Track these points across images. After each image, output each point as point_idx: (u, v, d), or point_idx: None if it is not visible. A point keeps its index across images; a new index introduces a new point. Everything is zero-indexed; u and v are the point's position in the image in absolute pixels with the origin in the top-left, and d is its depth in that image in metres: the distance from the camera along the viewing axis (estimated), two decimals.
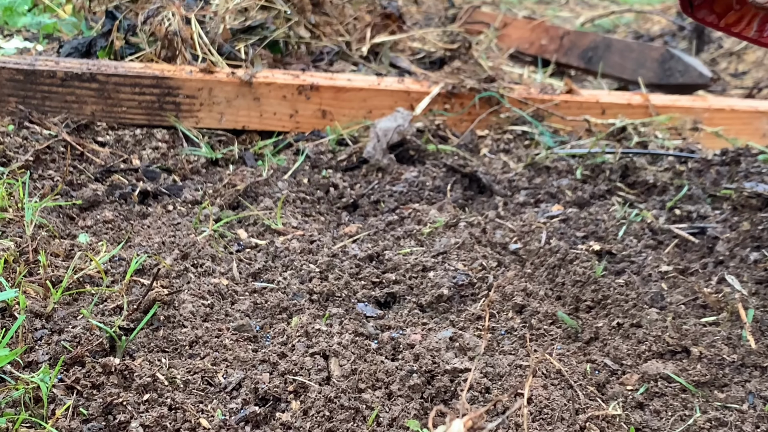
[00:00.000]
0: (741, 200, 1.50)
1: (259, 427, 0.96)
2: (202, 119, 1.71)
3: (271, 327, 1.15)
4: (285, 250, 1.35)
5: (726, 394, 1.03)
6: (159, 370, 1.01)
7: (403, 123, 1.70)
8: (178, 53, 1.75)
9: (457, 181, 1.62)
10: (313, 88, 1.76)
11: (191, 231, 1.38)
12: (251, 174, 1.58)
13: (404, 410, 0.98)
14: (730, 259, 1.33)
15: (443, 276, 1.26)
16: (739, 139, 1.90)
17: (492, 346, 1.13)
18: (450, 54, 2.14)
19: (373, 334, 1.14)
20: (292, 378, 1.02)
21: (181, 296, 1.17)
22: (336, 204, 1.56)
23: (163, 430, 0.93)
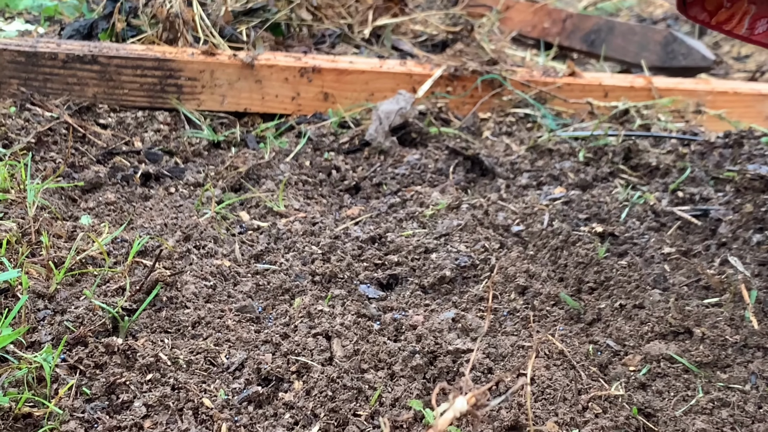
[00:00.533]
0: (744, 182, 1.50)
1: (262, 406, 0.96)
2: (204, 102, 1.71)
3: (274, 308, 1.15)
4: (287, 232, 1.35)
5: (728, 375, 1.03)
6: (162, 350, 1.02)
7: (406, 105, 1.69)
8: (180, 35, 1.75)
9: (459, 164, 1.61)
10: (315, 70, 1.75)
11: (193, 213, 1.38)
12: (253, 156, 1.58)
13: (407, 390, 0.98)
14: (733, 241, 1.32)
15: (446, 258, 1.26)
16: (742, 121, 1.89)
17: (494, 327, 1.13)
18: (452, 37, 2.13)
19: (376, 316, 1.14)
20: (295, 358, 1.02)
21: (184, 277, 1.17)
22: (338, 186, 1.56)
23: (166, 409, 0.94)
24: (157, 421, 0.92)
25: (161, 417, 0.93)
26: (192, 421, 0.92)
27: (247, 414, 0.94)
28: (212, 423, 0.92)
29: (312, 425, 0.93)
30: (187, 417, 0.93)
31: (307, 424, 0.94)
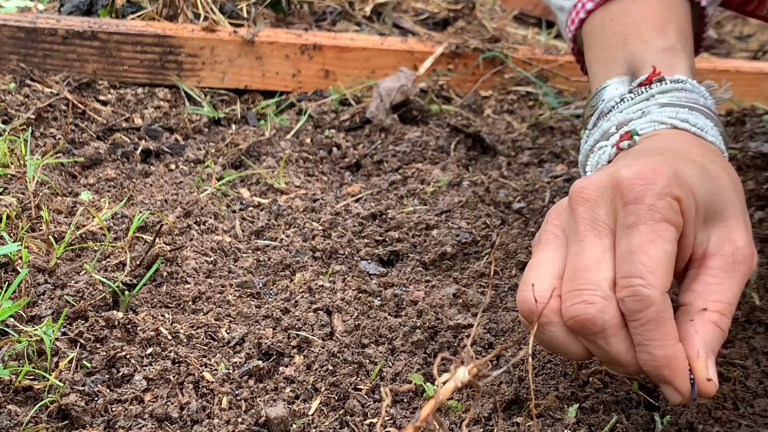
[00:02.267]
0: (746, 160, 1.50)
1: (263, 380, 0.96)
2: (204, 78, 1.70)
3: (274, 284, 1.15)
4: (288, 209, 1.34)
5: (730, 350, 1.03)
6: (162, 325, 1.02)
7: (407, 83, 1.69)
8: (180, 12, 1.74)
9: (460, 141, 1.61)
10: (315, 47, 1.75)
11: (194, 189, 1.38)
12: (254, 133, 1.57)
13: (407, 365, 0.98)
14: None
15: (446, 234, 1.26)
16: (744, 100, 1.88)
17: (495, 302, 1.13)
18: (454, 14, 2.12)
19: (376, 291, 1.14)
20: (296, 333, 1.02)
21: (184, 253, 1.17)
22: (339, 164, 1.56)
23: (167, 383, 0.94)
24: (158, 394, 0.92)
25: (162, 390, 0.93)
26: (192, 394, 0.92)
27: (247, 388, 0.94)
28: (213, 396, 0.93)
29: (312, 399, 0.93)
30: (187, 390, 0.93)
31: (307, 398, 0.94)
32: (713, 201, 0.81)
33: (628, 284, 0.75)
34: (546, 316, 0.78)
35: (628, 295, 0.75)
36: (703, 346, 0.77)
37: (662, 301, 0.75)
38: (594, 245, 0.78)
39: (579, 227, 0.79)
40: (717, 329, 0.79)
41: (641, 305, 0.75)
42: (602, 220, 0.78)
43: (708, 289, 0.80)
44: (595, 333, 0.77)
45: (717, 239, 0.81)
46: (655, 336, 0.75)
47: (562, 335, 0.80)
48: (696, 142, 0.89)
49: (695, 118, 0.90)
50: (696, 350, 0.77)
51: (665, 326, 0.76)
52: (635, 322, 0.76)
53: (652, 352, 0.76)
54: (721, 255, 0.81)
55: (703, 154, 0.86)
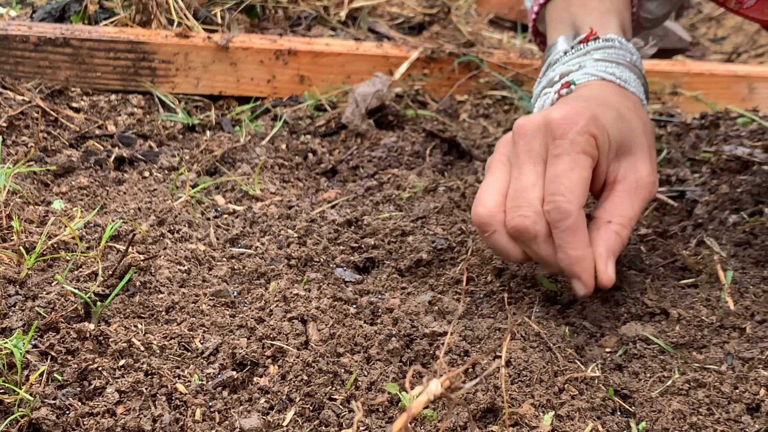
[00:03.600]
0: (720, 163, 1.50)
1: (237, 391, 0.95)
2: (178, 84, 1.69)
3: (249, 292, 1.14)
4: (263, 216, 1.34)
5: (705, 356, 1.03)
6: (135, 336, 1.01)
7: (382, 88, 1.68)
8: (153, 17, 1.73)
9: (436, 146, 1.61)
10: (290, 53, 1.74)
11: (168, 197, 1.36)
12: (228, 140, 1.57)
13: (383, 374, 0.98)
14: (709, 222, 1.33)
15: (422, 240, 1.26)
16: (718, 103, 1.89)
17: (471, 309, 1.12)
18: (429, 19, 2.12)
19: (352, 299, 1.13)
20: (270, 343, 1.01)
21: (158, 262, 1.16)
22: (314, 170, 1.55)
23: (139, 395, 0.93)
24: (130, 407, 0.91)
25: (134, 403, 0.92)
26: (165, 406, 0.92)
27: (221, 399, 0.94)
28: (186, 408, 0.92)
29: (287, 409, 0.93)
30: (160, 402, 0.92)
31: (282, 409, 0.93)
32: (624, 139, 1.01)
33: (552, 200, 0.95)
34: (493, 225, 1.00)
35: (553, 208, 0.96)
36: (605, 248, 0.99)
37: (578, 214, 0.96)
38: (530, 171, 0.98)
39: (519, 157, 0.99)
40: (617, 237, 1.00)
41: (562, 216, 0.95)
42: (537, 151, 0.98)
43: (613, 207, 1.01)
44: (529, 239, 0.99)
45: (625, 169, 1.02)
46: (570, 240, 0.96)
47: (505, 241, 1.01)
48: (618, 92, 1.08)
49: (621, 71, 1.10)
50: (599, 251, 0.99)
51: (579, 233, 0.97)
52: (557, 229, 0.96)
53: (568, 252, 0.97)
54: (626, 181, 1.02)
55: (621, 102, 1.06)
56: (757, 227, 1.28)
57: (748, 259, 1.22)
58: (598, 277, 1.00)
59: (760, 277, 1.17)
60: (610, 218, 1.00)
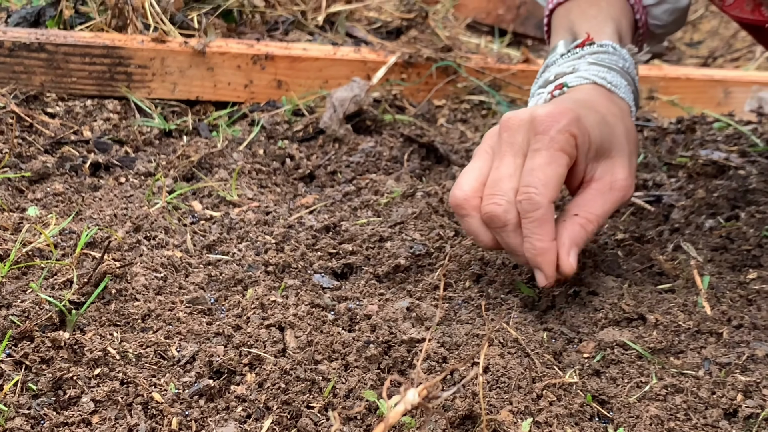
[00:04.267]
0: (696, 168, 1.51)
1: (214, 400, 0.95)
2: (154, 90, 1.68)
3: (226, 299, 1.14)
4: (240, 222, 1.33)
5: (682, 361, 1.03)
6: (110, 344, 1.00)
7: (360, 93, 1.68)
8: (129, 22, 1.72)
9: (414, 151, 1.60)
10: (268, 57, 1.73)
11: (144, 203, 1.36)
12: (205, 145, 1.56)
13: (361, 381, 0.97)
14: (686, 227, 1.33)
15: (400, 246, 1.26)
16: (695, 107, 1.90)
17: (449, 315, 1.12)
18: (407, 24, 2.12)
19: (330, 305, 1.13)
20: (247, 350, 1.01)
21: (134, 269, 1.15)
22: (292, 175, 1.55)
23: (115, 404, 0.92)
24: (106, 416, 0.91)
25: (110, 412, 0.91)
26: (141, 415, 0.91)
27: (198, 408, 0.93)
28: (162, 417, 0.91)
29: (264, 418, 0.92)
30: (136, 412, 0.91)
31: (259, 417, 0.92)
32: (604, 142, 1.06)
33: (525, 191, 1.00)
34: (468, 210, 1.05)
35: (524, 198, 1.00)
36: (569, 238, 1.04)
37: (547, 207, 1.00)
38: (509, 162, 1.03)
39: (501, 148, 1.04)
40: (582, 229, 1.05)
41: (532, 207, 1.00)
42: (519, 144, 1.03)
43: (583, 202, 1.06)
44: (499, 227, 1.03)
45: (602, 170, 1.07)
46: (537, 231, 1.01)
47: (477, 225, 1.06)
48: (607, 97, 1.12)
49: (612, 76, 1.14)
50: (563, 240, 1.04)
51: (546, 226, 1.01)
52: (526, 219, 1.01)
53: (534, 243, 1.02)
54: (601, 181, 1.07)
55: (608, 108, 1.10)
56: (733, 232, 1.28)
57: (724, 263, 1.22)
58: (559, 266, 1.04)
59: (736, 282, 1.17)
60: (577, 212, 1.06)
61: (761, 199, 1.37)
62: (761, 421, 0.94)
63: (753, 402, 0.96)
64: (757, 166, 1.50)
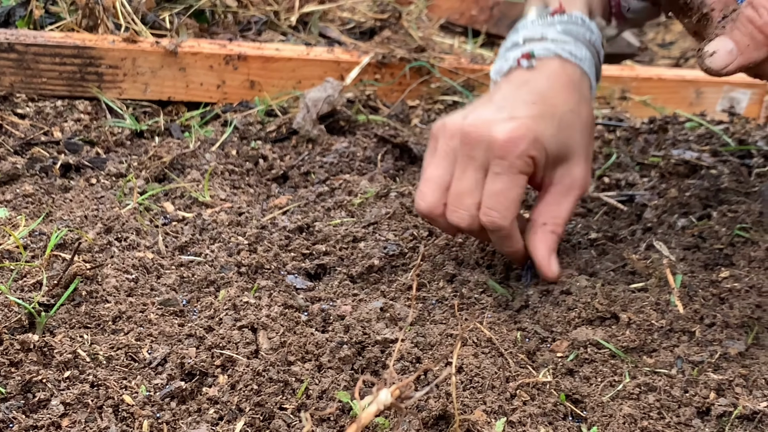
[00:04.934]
0: (668, 167, 1.51)
1: (185, 402, 0.94)
2: (125, 90, 1.67)
3: (198, 301, 1.13)
4: (213, 223, 1.32)
5: (655, 360, 1.04)
6: (80, 347, 0.99)
7: (333, 93, 1.67)
8: (100, 22, 1.70)
9: (387, 152, 1.60)
10: (240, 57, 1.73)
11: (115, 204, 1.34)
12: (178, 146, 1.55)
13: (334, 382, 0.97)
14: (658, 226, 1.33)
15: (374, 246, 1.25)
16: (667, 107, 1.91)
17: (423, 315, 1.12)
18: (380, 24, 2.12)
19: (303, 306, 1.12)
20: (220, 352, 1.00)
21: (104, 271, 1.14)
22: (265, 176, 1.54)
23: (85, 407, 0.91)
24: (76, 419, 0.90)
25: (80, 415, 0.90)
26: (112, 418, 0.90)
27: (169, 410, 0.92)
28: (133, 420, 0.90)
29: (237, 420, 0.91)
30: (106, 415, 0.90)
31: (232, 419, 0.92)
32: (561, 150, 1.12)
33: (488, 214, 1.09)
34: (434, 216, 1.14)
35: (488, 221, 1.09)
36: (546, 248, 1.14)
37: (510, 225, 1.10)
38: (470, 177, 1.09)
39: (463, 160, 1.09)
40: (554, 235, 1.15)
41: (496, 228, 1.10)
42: (479, 161, 1.08)
43: (547, 209, 1.15)
44: (465, 233, 1.17)
45: (560, 174, 1.14)
46: (503, 243, 1.13)
47: (445, 225, 1.15)
48: (569, 81, 1.15)
49: (578, 49, 1.16)
50: (542, 253, 1.14)
51: (511, 240, 1.13)
52: (492, 234, 1.12)
53: (502, 250, 1.17)
54: (560, 184, 1.14)
55: (566, 100, 1.13)
56: (705, 231, 1.29)
57: (696, 262, 1.23)
58: (543, 275, 1.14)
59: (708, 281, 1.17)
60: (545, 221, 1.14)
61: (733, 198, 1.38)
62: (734, 420, 0.94)
63: (725, 400, 0.96)
64: (728, 166, 1.51)
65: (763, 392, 0.98)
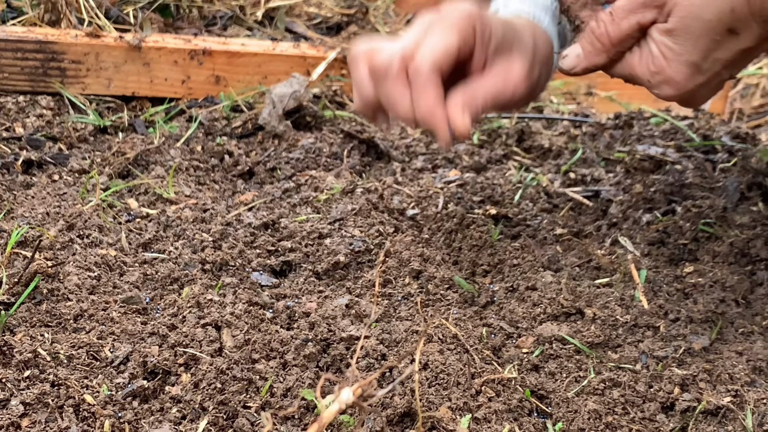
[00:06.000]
0: (634, 163, 1.52)
1: (148, 401, 0.93)
2: (89, 85, 1.65)
3: (162, 298, 1.12)
4: (177, 220, 1.31)
5: (619, 355, 1.04)
6: (41, 346, 0.97)
7: (300, 89, 1.66)
8: (63, 17, 1.68)
9: (354, 147, 1.59)
10: (205, 53, 1.71)
11: (78, 201, 1.33)
12: (142, 142, 1.53)
13: (299, 380, 0.96)
14: (623, 221, 1.34)
15: (340, 243, 1.24)
16: (632, 103, 1.92)
17: (389, 312, 1.11)
18: (347, 19, 2.11)
19: (268, 303, 1.11)
20: (183, 350, 0.99)
21: (66, 268, 1.12)
22: (231, 172, 1.53)
23: (45, 407, 0.90)
24: (36, 419, 0.88)
25: (40, 415, 0.89)
26: (73, 418, 0.89)
27: (131, 409, 0.91)
28: (94, 420, 0.89)
29: (200, 419, 0.90)
30: (67, 414, 0.89)
31: (195, 418, 0.91)
32: (505, 41, 1.09)
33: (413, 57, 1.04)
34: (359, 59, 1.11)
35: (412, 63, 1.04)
36: (461, 100, 1.05)
37: (430, 72, 1.03)
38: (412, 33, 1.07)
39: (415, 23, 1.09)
40: (473, 96, 1.06)
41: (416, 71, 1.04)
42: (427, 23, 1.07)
43: (477, 81, 1.08)
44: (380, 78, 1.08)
45: (500, 63, 1.09)
46: (422, 93, 1.04)
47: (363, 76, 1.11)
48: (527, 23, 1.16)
49: (537, 12, 1.18)
50: (456, 100, 1.05)
51: (430, 89, 1.04)
52: (413, 83, 1.05)
53: (420, 103, 1.05)
54: (497, 69, 1.09)
55: (524, 26, 1.14)
56: (670, 226, 1.29)
57: (661, 257, 1.23)
58: (452, 124, 1.06)
59: (673, 276, 1.18)
60: (470, 84, 1.08)
61: (697, 193, 1.38)
62: (698, 415, 0.95)
63: (689, 395, 0.97)
64: (693, 161, 1.52)
65: (726, 387, 0.98)
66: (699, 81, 1.00)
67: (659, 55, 0.99)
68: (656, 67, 1.00)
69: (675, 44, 0.98)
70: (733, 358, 1.04)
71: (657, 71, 1.00)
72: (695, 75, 0.99)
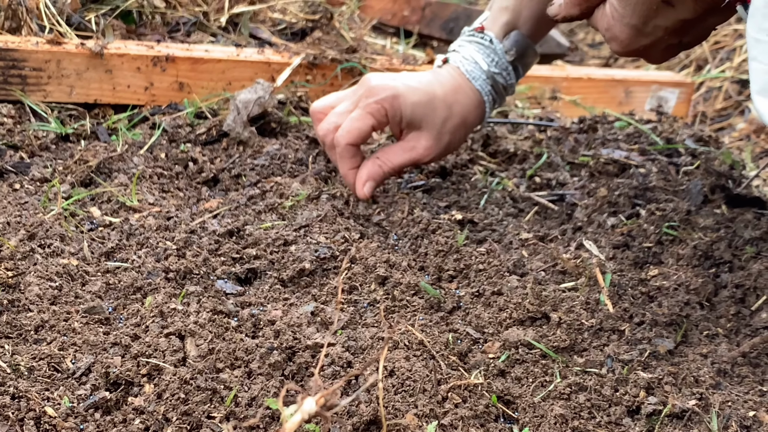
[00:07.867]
0: (598, 167, 1.53)
1: (110, 413, 0.92)
2: (50, 93, 1.63)
3: (125, 308, 1.10)
4: (140, 228, 1.29)
5: (585, 359, 1.04)
6: (1, 358, 0.96)
7: (264, 95, 1.65)
8: (23, 24, 1.66)
9: (319, 153, 1.59)
10: (168, 59, 1.70)
11: (39, 210, 1.31)
12: (104, 149, 1.51)
13: (264, 389, 0.96)
14: (588, 225, 1.34)
15: (305, 250, 1.24)
16: (596, 107, 1.93)
17: (355, 319, 1.11)
18: (311, 25, 2.10)
19: (233, 312, 1.11)
20: (146, 360, 0.98)
21: (27, 278, 1.11)
22: (195, 179, 1.51)
23: (5, 420, 0.88)
24: None
25: (0, 428, 0.87)
26: (34, 431, 0.87)
27: (93, 421, 0.90)
28: None
29: (163, 430, 0.89)
30: (28, 427, 0.88)
31: (158, 429, 0.90)
32: (416, 118, 1.36)
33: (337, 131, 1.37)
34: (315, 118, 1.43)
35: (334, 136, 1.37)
36: (366, 173, 1.37)
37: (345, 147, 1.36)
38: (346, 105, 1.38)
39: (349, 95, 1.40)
40: (379, 169, 1.37)
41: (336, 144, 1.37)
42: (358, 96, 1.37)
43: (386, 151, 1.39)
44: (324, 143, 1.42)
45: (411, 136, 1.38)
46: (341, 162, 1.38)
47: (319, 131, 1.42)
48: (458, 84, 1.39)
49: (474, 69, 1.40)
50: (361, 174, 1.37)
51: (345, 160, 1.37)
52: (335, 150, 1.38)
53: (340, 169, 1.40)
54: (406, 142, 1.39)
55: (446, 94, 1.38)
56: (634, 229, 1.30)
57: (626, 261, 1.24)
58: (356, 192, 1.38)
59: (637, 279, 1.19)
60: (379, 156, 1.38)
61: (661, 196, 1.39)
62: (663, 418, 0.95)
63: (655, 398, 0.97)
64: (656, 164, 1.53)
65: (692, 390, 0.99)
66: (643, 42, 1.09)
67: (609, 15, 1.09)
68: (607, 24, 1.10)
69: (619, 6, 1.07)
70: (698, 360, 1.04)
71: (607, 28, 1.10)
72: (638, 36, 1.08)
